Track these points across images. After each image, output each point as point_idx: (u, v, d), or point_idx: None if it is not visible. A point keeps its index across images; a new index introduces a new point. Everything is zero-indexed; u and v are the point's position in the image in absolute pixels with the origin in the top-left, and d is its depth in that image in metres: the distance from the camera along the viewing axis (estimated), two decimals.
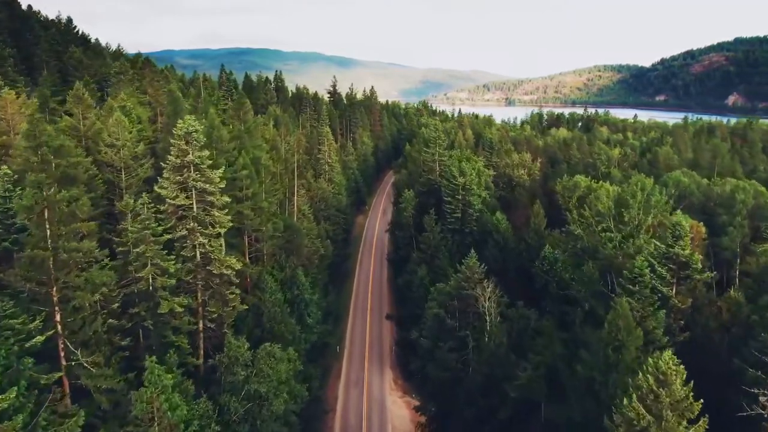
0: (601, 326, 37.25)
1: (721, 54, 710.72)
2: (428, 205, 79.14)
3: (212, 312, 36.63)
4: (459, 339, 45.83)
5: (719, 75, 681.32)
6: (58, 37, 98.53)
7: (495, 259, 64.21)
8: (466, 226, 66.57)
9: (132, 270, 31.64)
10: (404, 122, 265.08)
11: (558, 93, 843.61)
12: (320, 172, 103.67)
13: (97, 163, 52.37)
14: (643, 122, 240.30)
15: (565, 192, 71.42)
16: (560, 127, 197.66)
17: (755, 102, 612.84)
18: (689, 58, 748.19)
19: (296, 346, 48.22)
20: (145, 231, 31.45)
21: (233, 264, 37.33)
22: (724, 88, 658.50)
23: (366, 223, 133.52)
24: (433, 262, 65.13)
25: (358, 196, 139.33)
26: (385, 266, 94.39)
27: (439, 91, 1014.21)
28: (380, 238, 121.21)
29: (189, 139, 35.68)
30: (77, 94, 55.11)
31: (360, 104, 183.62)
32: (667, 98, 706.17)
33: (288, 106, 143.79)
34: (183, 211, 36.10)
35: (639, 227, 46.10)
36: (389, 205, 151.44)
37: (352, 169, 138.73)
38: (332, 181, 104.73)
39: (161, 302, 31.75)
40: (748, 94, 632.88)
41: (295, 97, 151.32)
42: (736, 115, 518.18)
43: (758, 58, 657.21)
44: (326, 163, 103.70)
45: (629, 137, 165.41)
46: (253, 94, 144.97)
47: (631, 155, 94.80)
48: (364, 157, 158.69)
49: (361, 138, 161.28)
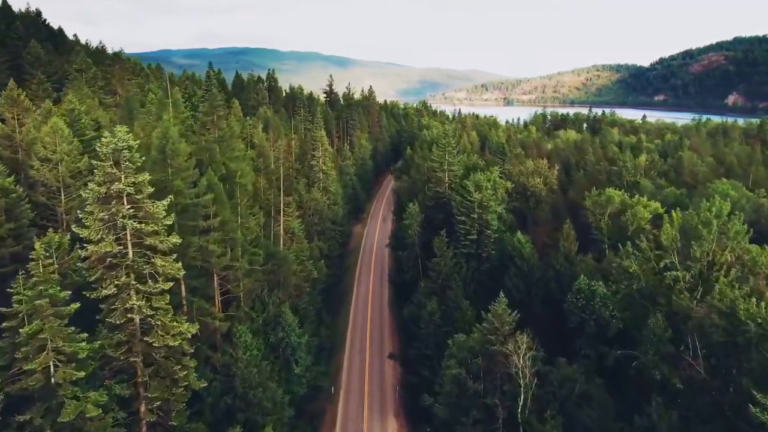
0: (686, 407, 27.11)
1: (720, 53, 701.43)
2: (436, 221, 68.44)
3: (154, 399, 26.04)
4: (485, 408, 35.37)
5: (719, 74, 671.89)
6: (21, 30, 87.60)
7: (517, 289, 53.67)
8: (482, 250, 55.94)
9: (21, 356, 21.10)
10: (404, 123, 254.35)
11: (557, 93, 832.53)
12: (314, 181, 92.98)
13: (28, 182, 41.69)
14: (651, 123, 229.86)
15: (596, 208, 60.91)
16: (566, 128, 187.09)
17: (755, 102, 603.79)
18: (688, 57, 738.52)
19: (278, 415, 37.78)
20: (41, 300, 20.86)
21: (185, 329, 26.81)
22: (724, 87, 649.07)
23: (365, 232, 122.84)
24: (444, 294, 54.51)
25: (356, 204, 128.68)
26: (386, 286, 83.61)
27: (437, 90, 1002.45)
28: (380, 249, 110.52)
29: (118, 158, 25.09)
30: (11, 95, 44.45)
31: (358, 105, 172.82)
32: (666, 98, 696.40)
33: (281, 107, 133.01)
34: (112, 259, 25.52)
35: (713, 264, 35.79)
36: (389, 212, 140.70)
37: (349, 174, 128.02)
38: (327, 191, 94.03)
39: (65, 403, 21.21)
40: (748, 94, 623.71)
41: (288, 98, 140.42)
42: (736, 115, 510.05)
43: (757, 57, 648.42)
44: (321, 170, 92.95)
45: (642, 139, 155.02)
46: (243, 95, 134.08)
47: (659, 162, 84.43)
48: (362, 161, 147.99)
49: (359, 141, 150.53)
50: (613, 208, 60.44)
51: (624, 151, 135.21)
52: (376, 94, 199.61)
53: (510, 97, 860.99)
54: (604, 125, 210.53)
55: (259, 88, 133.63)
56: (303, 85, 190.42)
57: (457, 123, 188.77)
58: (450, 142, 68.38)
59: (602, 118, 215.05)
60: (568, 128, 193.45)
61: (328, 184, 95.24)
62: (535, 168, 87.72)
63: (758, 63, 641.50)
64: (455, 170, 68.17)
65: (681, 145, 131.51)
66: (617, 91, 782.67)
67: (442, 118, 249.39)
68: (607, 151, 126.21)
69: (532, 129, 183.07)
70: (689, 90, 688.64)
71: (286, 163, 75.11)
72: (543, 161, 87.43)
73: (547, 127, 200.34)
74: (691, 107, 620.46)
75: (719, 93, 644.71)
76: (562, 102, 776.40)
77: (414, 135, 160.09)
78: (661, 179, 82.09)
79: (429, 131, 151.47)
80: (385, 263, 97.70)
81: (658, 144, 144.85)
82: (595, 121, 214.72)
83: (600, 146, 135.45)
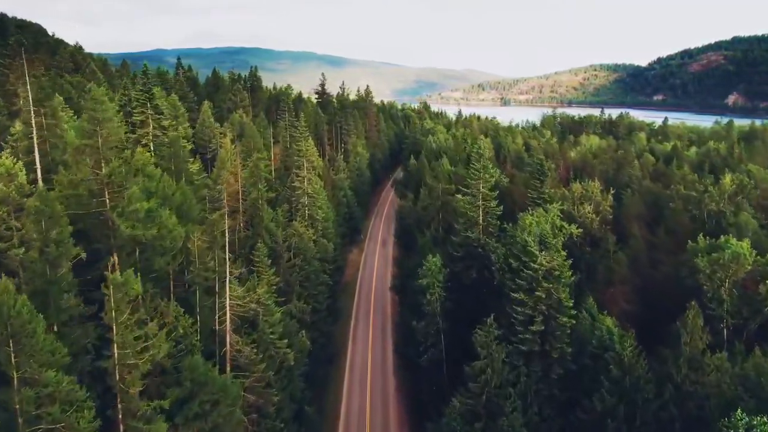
0: None
1: (719, 53, 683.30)
2: (466, 279, 46.83)
3: None
4: None
5: (718, 74, 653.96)
6: None
7: (613, 413, 32.16)
8: (553, 347, 34.28)
9: None
10: (402, 125, 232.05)
11: (554, 93, 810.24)
12: (297, 207, 71.07)
13: None
14: (675, 126, 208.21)
15: (712, 270, 39.36)
16: (586, 132, 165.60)
17: (756, 102, 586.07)
18: (687, 57, 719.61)
19: None
20: None
21: None
22: (724, 87, 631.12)
23: (362, 260, 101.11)
24: (493, 420, 32.92)
25: (351, 223, 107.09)
26: (390, 355, 61.84)
27: (433, 90, 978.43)
28: (380, 283, 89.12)
29: None
30: None
31: (353, 106, 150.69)
32: (665, 98, 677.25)
33: (260, 111, 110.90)
34: None
35: None
36: (389, 232, 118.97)
37: (343, 189, 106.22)
38: (314, 219, 72.14)
39: None
40: (748, 94, 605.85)
41: (272, 100, 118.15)
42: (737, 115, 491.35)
43: (757, 57, 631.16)
44: (305, 194, 70.99)
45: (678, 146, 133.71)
46: (218, 96, 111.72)
47: (749, 185, 62.90)
48: (358, 171, 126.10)
49: (355, 148, 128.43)
50: (743, 269, 38.93)
51: (657, 158, 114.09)
52: (373, 94, 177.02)
53: (507, 97, 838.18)
54: (622, 128, 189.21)
55: (237, 89, 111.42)
56: (298, 86, 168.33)
57: (462, 126, 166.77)
58: (487, 167, 46.46)
59: (619, 121, 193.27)
60: (587, 132, 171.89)
61: (315, 210, 73.37)
62: (583, 192, 66.13)
63: (758, 63, 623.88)
64: (493, 206, 46.29)
65: (732, 154, 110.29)
66: (615, 90, 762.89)
67: (443, 120, 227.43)
68: (644, 163, 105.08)
69: (547, 133, 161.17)
70: (689, 90, 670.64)
71: (253, 193, 53.12)
72: (595, 184, 65.75)
73: (561, 131, 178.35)
74: (691, 107, 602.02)
75: (719, 93, 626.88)
76: (560, 102, 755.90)
77: (417, 141, 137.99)
78: (753, 210, 60.42)
79: (435, 137, 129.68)
80: (387, 312, 76.05)
81: (697, 152, 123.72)
82: (612, 124, 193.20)
83: (634, 156, 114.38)
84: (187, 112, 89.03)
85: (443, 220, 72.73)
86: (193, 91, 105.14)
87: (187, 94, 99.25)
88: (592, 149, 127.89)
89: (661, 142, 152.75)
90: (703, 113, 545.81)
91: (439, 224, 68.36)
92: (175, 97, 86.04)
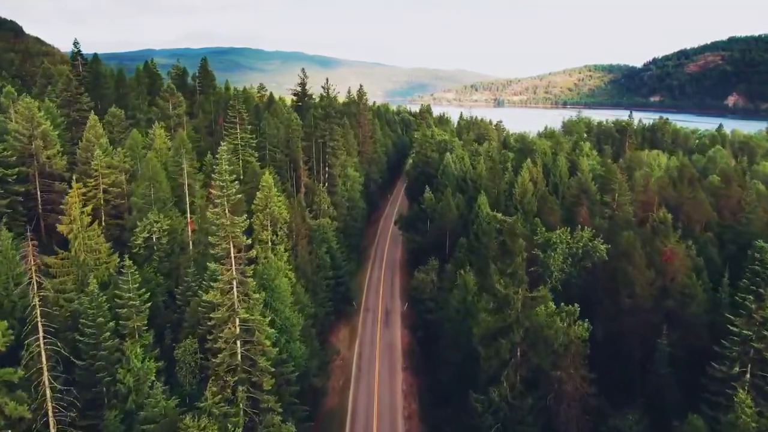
0: None
1: (716, 53, 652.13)
2: None
3: None
4: None
5: (716, 75, 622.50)
6: None
7: None
8: None
9: None
10: (400, 131, 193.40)
11: (548, 93, 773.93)
12: (218, 347, 32.82)
13: None
14: (712, 132, 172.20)
15: None
16: (645, 146, 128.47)
17: (757, 102, 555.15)
18: (683, 57, 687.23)
19: None
20: None
21: None
22: (722, 88, 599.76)
23: (354, 356, 62.74)
24: None
25: (338, 292, 69.01)
26: None
27: (424, 91, 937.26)
28: (388, 407, 51.84)
29: None
30: None
31: (342, 111, 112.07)
32: (662, 99, 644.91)
33: (203, 122, 72.02)
34: None
35: None
36: (392, 296, 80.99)
37: (327, 242, 68.21)
38: (258, 346, 33.98)
39: None
40: (748, 95, 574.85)
41: (218, 105, 79.13)
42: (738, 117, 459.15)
43: (756, 57, 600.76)
44: (236, 312, 32.64)
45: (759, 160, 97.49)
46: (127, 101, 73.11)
47: None
48: (349, 202, 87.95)
49: (344, 171, 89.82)
50: None
51: None
52: (367, 96, 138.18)
53: (501, 97, 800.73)
54: (666, 135, 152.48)
55: (168, 90, 72.39)
56: (286, 86, 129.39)
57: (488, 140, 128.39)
58: None
59: (661, 127, 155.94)
60: (630, 142, 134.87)
61: (261, 327, 35.03)
62: None
63: (757, 63, 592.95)
64: None
65: None
66: (611, 91, 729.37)
67: (449, 126, 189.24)
68: (748, 194, 68.59)
69: (585, 146, 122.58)
70: (686, 90, 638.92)
71: None
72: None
73: (597, 141, 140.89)
74: (689, 108, 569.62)
75: (718, 93, 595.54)
76: (555, 103, 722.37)
77: (429, 160, 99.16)
78: None
79: (454, 155, 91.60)
80: None
81: None
82: (653, 131, 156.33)
83: (739, 183, 78.09)
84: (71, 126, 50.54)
85: (525, 339, 35.11)
86: (90, 94, 66.10)
87: (76, 97, 59.97)
88: (669, 171, 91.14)
89: (737, 156, 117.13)
90: (702, 114, 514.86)
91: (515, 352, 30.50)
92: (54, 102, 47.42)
